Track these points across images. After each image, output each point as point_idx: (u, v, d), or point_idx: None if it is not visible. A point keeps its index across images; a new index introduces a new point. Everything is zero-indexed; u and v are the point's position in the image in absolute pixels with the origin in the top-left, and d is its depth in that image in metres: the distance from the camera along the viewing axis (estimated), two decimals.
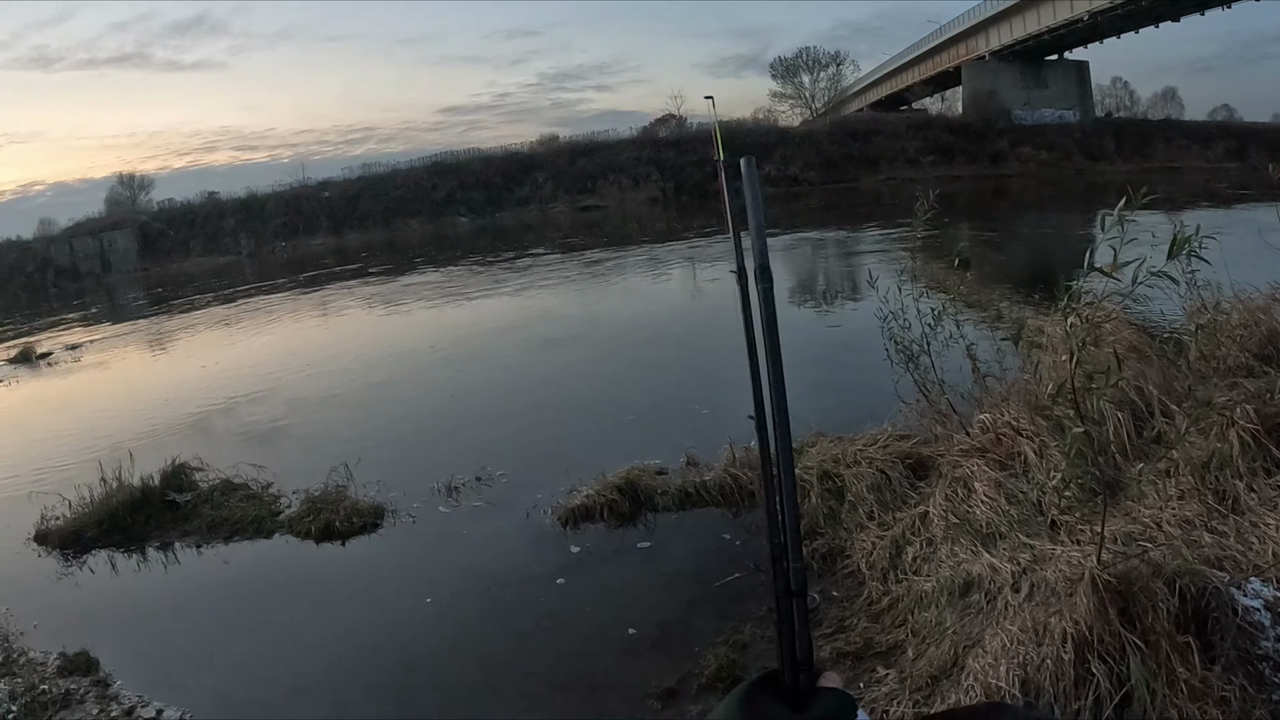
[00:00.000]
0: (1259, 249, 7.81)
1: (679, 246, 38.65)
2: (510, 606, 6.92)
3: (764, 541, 1.69)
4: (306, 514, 9.08)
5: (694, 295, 25.07)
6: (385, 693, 5.99)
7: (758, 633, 5.93)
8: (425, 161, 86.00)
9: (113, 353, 27.05)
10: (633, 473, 8.59)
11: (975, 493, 6.18)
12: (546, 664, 6.08)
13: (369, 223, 78.06)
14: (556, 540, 8.01)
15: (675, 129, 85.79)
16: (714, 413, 10.87)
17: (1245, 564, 4.54)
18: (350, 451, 10.23)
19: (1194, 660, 3.86)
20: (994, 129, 74.57)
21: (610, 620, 6.46)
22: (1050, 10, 68.91)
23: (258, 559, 8.67)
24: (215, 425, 14.14)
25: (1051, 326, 7.11)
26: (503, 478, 9.61)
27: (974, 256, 23.21)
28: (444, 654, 6.44)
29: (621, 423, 11.57)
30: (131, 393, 19.23)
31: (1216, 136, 74.86)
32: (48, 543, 9.44)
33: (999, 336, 8.10)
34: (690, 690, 5.46)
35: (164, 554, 8.97)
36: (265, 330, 27.54)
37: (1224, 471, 5.39)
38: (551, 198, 77.58)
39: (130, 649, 6.99)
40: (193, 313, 35.83)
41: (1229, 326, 7.21)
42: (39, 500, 9.93)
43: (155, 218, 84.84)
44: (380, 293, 33.85)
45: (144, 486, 9.81)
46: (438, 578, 7.65)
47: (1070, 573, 4.43)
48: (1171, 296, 6.75)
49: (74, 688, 6.44)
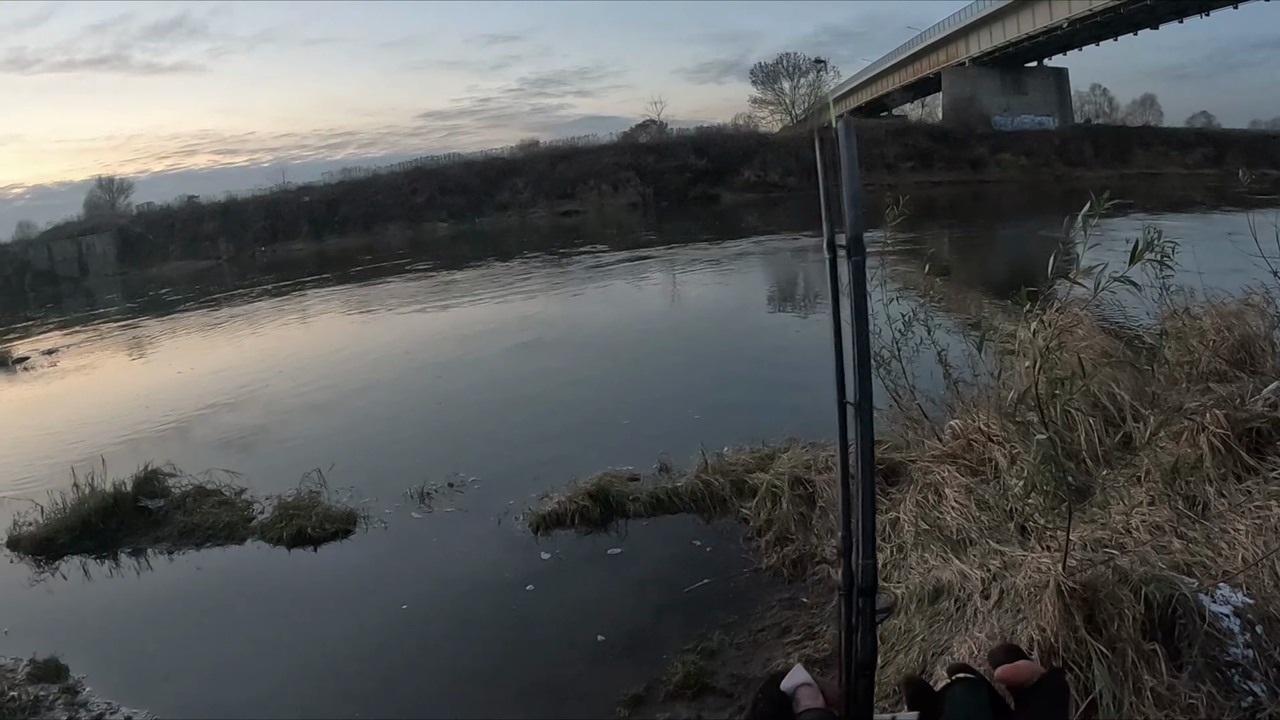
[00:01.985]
0: (1231, 254, 7.83)
1: (658, 251, 38.68)
2: (480, 613, 6.91)
3: (735, 547, 1.65)
4: (279, 520, 9.02)
5: (669, 301, 25.09)
6: (354, 699, 5.97)
7: (726, 640, 5.94)
8: (406, 166, 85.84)
9: (90, 358, 26.93)
10: (605, 479, 8.58)
11: (946, 499, 6.17)
12: (515, 670, 6.06)
13: (349, 227, 77.89)
14: (527, 546, 7.99)
15: (656, 134, 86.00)
16: (689, 418, 10.90)
17: (1215, 570, 4.52)
18: (324, 457, 10.21)
19: (1160, 667, 3.84)
20: (974, 135, 75.01)
21: (579, 627, 6.44)
22: (1030, 17, 69.38)
23: (229, 565, 8.62)
24: (190, 431, 14.05)
25: (1023, 332, 7.12)
26: (475, 484, 9.58)
27: (952, 261, 23.32)
28: (412, 660, 6.41)
29: (594, 428, 11.56)
30: (107, 398, 19.12)
31: (1195, 143, 75.61)
32: (20, 549, 9.37)
33: (971, 342, 8.09)
34: (658, 697, 5.45)
35: (136, 560, 8.92)
36: (243, 335, 27.47)
37: (1194, 477, 5.38)
38: (531, 203, 77.57)
39: (100, 655, 6.96)
40: (171, 317, 35.72)
41: (1201, 331, 7.21)
42: (11, 506, 9.88)
43: (134, 221, 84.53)
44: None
45: (117, 492, 9.76)
46: (408, 584, 7.61)
47: (1038, 579, 4.40)
48: (1145, 302, 6.77)
49: (43, 694, 6.44)
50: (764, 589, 6.60)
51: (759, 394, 11.95)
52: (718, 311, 21.90)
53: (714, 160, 76.48)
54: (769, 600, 6.40)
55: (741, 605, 6.40)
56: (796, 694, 1.05)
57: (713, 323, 20.22)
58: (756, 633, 5.99)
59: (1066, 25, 66.71)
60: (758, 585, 6.69)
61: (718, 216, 59.75)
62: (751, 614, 6.24)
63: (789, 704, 1.04)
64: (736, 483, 8.16)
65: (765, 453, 8.53)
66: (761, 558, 7.02)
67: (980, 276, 21.15)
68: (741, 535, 7.52)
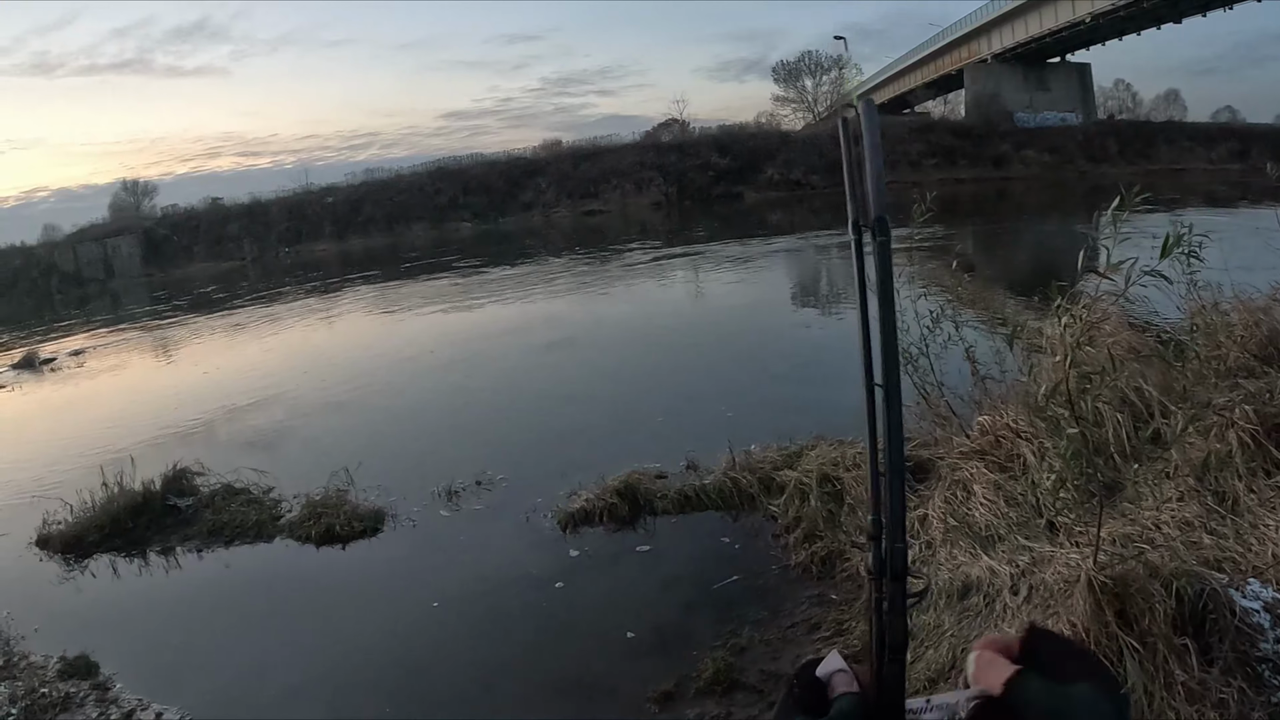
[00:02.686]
0: (1260, 250, 7.80)
1: (679, 249, 38.68)
2: (509, 610, 6.91)
3: (764, 544, 1.64)
4: (307, 518, 9.08)
5: (695, 299, 25.07)
6: (384, 695, 5.98)
7: (756, 636, 5.93)
8: (428, 167, 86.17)
9: (116, 358, 27.08)
10: (632, 476, 8.58)
11: (974, 495, 6.17)
12: (545, 667, 6.07)
13: (372, 228, 78.23)
14: (556, 544, 8.00)
15: (678, 133, 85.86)
16: (714, 416, 10.89)
17: (1244, 565, 4.52)
18: (351, 456, 10.28)
19: (1191, 662, 3.84)
20: (996, 132, 74.57)
21: (608, 623, 6.45)
22: (1052, 13, 68.99)
23: (258, 563, 8.68)
24: (217, 430, 14.14)
25: (1050, 328, 7.10)
26: (502, 481, 9.61)
27: (976, 259, 23.25)
28: (443, 656, 6.44)
29: (621, 426, 11.58)
30: (134, 398, 19.22)
31: (1219, 138, 74.87)
32: (49, 547, 9.46)
33: (999, 338, 8.06)
34: (688, 693, 5.45)
35: (165, 558, 8.98)
36: (268, 335, 27.53)
37: (1223, 472, 5.37)
38: (554, 202, 77.62)
39: (130, 652, 7.00)
40: (196, 318, 35.92)
41: (1229, 327, 7.18)
42: (41, 505, 9.97)
43: (159, 223, 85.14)
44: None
45: (145, 491, 9.84)
46: (437, 581, 7.64)
47: (1068, 575, 4.40)
48: (1172, 297, 6.76)
49: (74, 691, 6.47)
50: (793, 586, 6.59)
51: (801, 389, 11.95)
52: (751, 309, 21.84)
53: (737, 159, 76.26)
54: (798, 597, 6.40)
55: (771, 602, 6.39)
56: (832, 680, 1.06)
57: (737, 322, 20.15)
58: (786, 629, 5.98)
59: (1089, 20, 66.29)
60: (786, 582, 6.68)
61: (741, 215, 59.55)
62: (781, 610, 6.23)
63: (824, 690, 1.05)
64: (764, 480, 8.15)
65: (793, 450, 8.50)
66: (790, 555, 7.00)
67: (1005, 274, 21.01)
68: (770, 532, 7.50)
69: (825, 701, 1.03)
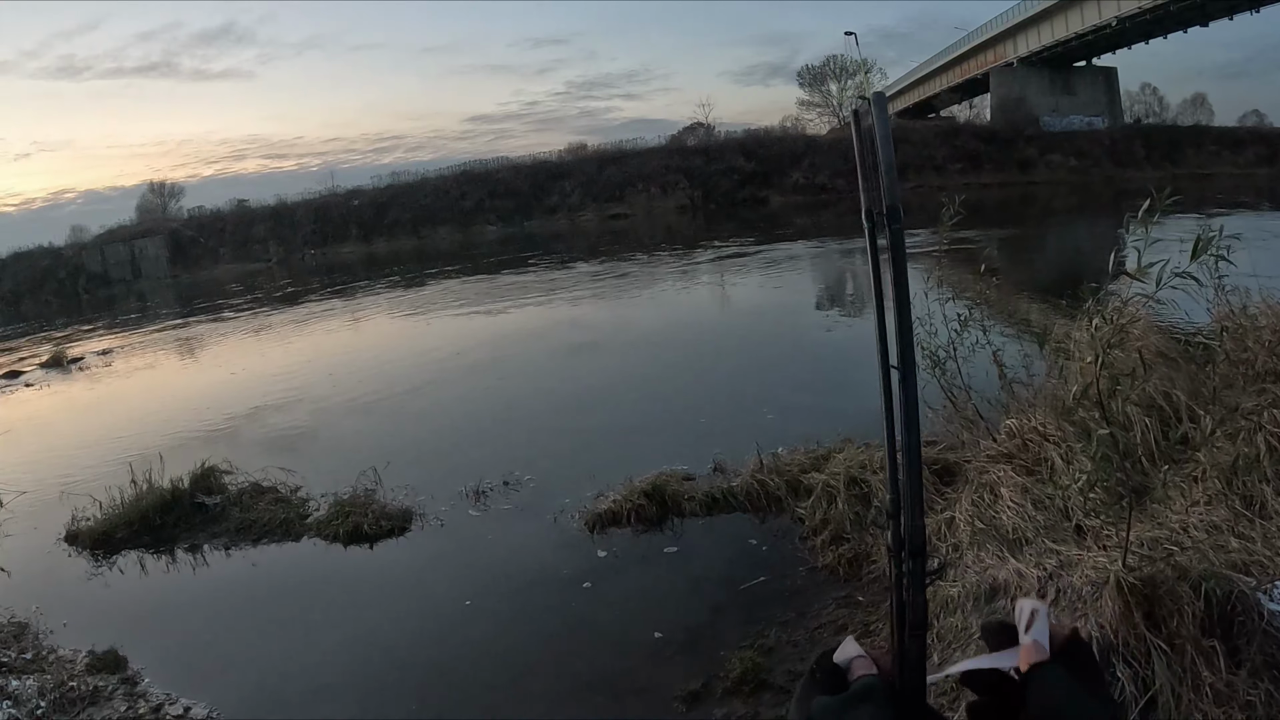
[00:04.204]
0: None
1: (705, 253, 38.70)
2: (537, 609, 6.95)
3: (791, 546, 1.65)
4: (335, 517, 9.13)
5: (722, 303, 25.08)
6: (412, 693, 6.03)
7: (783, 637, 5.96)
8: (454, 170, 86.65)
9: (143, 358, 27.35)
10: (660, 478, 8.60)
11: (1001, 498, 6.16)
12: (572, 666, 6.09)
13: (398, 231, 78.59)
14: (583, 545, 8.03)
15: (703, 137, 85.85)
16: (740, 419, 10.91)
17: (1272, 568, 4.50)
18: (378, 456, 10.31)
19: (1219, 664, 3.85)
20: (1022, 136, 74.17)
21: (636, 624, 6.48)
22: (1078, 16, 68.60)
23: (286, 561, 8.75)
24: (244, 430, 14.24)
25: (1078, 332, 7.09)
26: (530, 482, 9.65)
27: (1002, 263, 23.14)
28: (470, 655, 6.47)
29: (648, 428, 11.58)
30: (161, 397, 19.40)
31: (1247, 142, 74.38)
32: (78, 543, 9.57)
33: (1026, 341, 8.05)
34: (715, 693, 5.47)
35: (193, 555, 9.06)
36: (294, 336, 27.71)
37: (1251, 476, 5.34)
38: (580, 206, 77.77)
39: (158, 648, 7.06)
40: (222, 318, 36.11)
41: (1257, 331, 7.16)
42: (70, 501, 10.05)
43: (185, 225, 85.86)
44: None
45: (174, 489, 9.94)
46: (465, 580, 7.68)
47: (1096, 577, 4.41)
48: (1199, 301, 6.74)
49: (102, 685, 6.51)
50: (820, 587, 6.61)
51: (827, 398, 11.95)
52: (777, 312, 21.87)
53: (762, 163, 76.23)
54: (825, 598, 6.41)
55: (798, 603, 6.41)
56: (851, 665, 1.09)
57: (762, 326, 20.14)
58: (813, 630, 6.00)
59: (1115, 23, 65.85)
60: (814, 584, 6.70)
61: (766, 219, 59.49)
62: (808, 612, 6.25)
63: (843, 675, 1.06)
64: (791, 482, 8.15)
65: (820, 453, 8.51)
66: (817, 556, 7.02)
67: (1031, 278, 20.95)
68: (797, 535, 7.50)
69: (845, 684, 1.04)
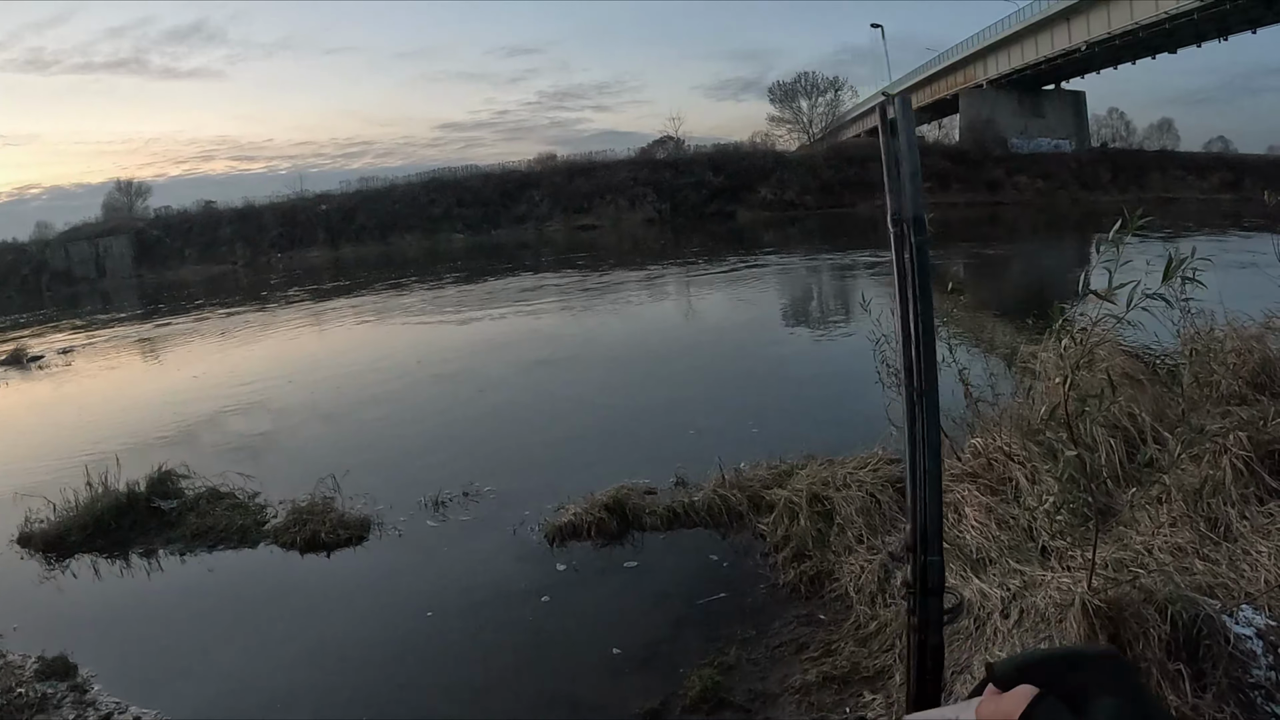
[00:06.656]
0: (1252, 277, 7.80)
1: (671, 266, 38.76)
2: (494, 623, 6.86)
3: (752, 563, 1.61)
4: (292, 524, 9.01)
5: (687, 316, 25.11)
6: (366, 705, 5.93)
7: (743, 655, 5.90)
8: (423, 177, 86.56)
9: (104, 358, 27.10)
10: (621, 491, 8.53)
11: (965, 518, 6.14)
12: (529, 681, 6.02)
13: (365, 236, 78.41)
14: (543, 557, 7.95)
15: (673, 150, 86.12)
16: (701, 433, 10.88)
17: (1237, 591, 4.50)
18: (338, 463, 10.21)
19: (1185, 688, 3.82)
20: (990, 157, 75.11)
21: (595, 639, 6.41)
22: (1048, 40, 69.55)
23: (242, 568, 8.61)
24: (204, 434, 14.06)
25: (1044, 352, 7.08)
26: (490, 494, 9.56)
27: (968, 282, 23.30)
28: (426, 668, 6.38)
29: (611, 441, 11.57)
30: (121, 398, 19.25)
31: (1212, 167, 75.44)
32: (31, 545, 9.38)
33: (991, 361, 8.05)
34: (674, 712, 5.41)
35: (148, 560, 8.90)
36: (258, 340, 27.55)
37: (1216, 498, 5.36)
38: (548, 216, 77.95)
39: (110, 654, 6.93)
40: (186, 320, 35.85)
41: (1222, 354, 7.18)
42: (23, 503, 9.85)
43: (152, 224, 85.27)
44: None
45: (130, 492, 9.77)
46: (422, 592, 7.59)
47: (1060, 599, 4.38)
48: (1165, 324, 6.75)
49: (51, 691, 6.41)
50: (781, 605, 6.56)
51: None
52: (742, 328, 21.92)
53: (731, 178, 76.70)
54: (786, 616, 6.36)
55: (758, 621, 6.35)
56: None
57: (728, 341, 20.17)
58: (774, 648, 5.94)
59: (1085, 48, 66.81)
60: (775, 601, 6.64)
61: (734, 234, 59.78)
62: (768, 630, 6.20)
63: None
64: (754, 498, 8.12)
65: (783, 469, 8.47)
66: (778, 574, 6.96)
67: (997, 297, 21.14)
68: (758, 551, 7.46)
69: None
